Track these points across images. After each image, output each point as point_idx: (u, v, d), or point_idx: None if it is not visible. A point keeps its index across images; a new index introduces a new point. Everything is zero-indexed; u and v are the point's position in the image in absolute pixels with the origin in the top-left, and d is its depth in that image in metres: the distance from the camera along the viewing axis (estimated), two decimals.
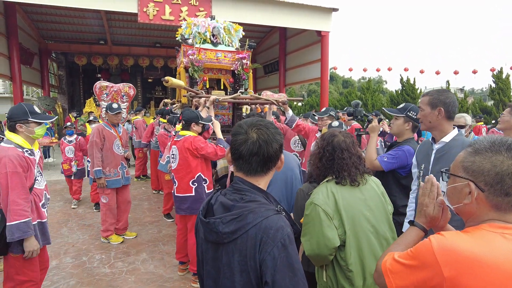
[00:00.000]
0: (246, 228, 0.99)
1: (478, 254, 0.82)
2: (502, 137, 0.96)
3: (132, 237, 4.29)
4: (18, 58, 10.44)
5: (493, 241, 0.85)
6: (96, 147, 3.96)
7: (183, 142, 3.13)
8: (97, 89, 5.42)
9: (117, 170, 4.12)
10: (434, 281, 0.84)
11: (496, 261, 0.81)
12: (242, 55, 5.35)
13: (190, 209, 3.12)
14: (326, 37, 11.70)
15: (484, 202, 0.92)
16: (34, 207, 2.35)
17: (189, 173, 3.11)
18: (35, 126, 2.37)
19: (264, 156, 1.09)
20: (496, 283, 0.79)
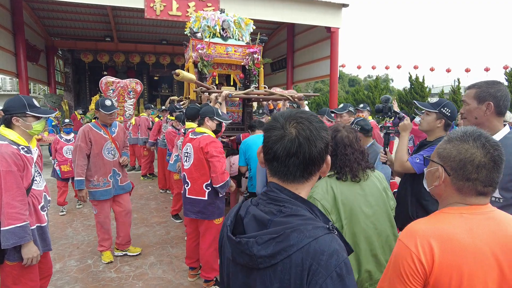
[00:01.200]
0: (289, 251, 0.77)
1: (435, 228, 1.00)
2: (475, 128, 1.06)
3: (136, 253, 3.70)
4: (25, 55, 10.37)
5: (449, 220, 1.01)
6: (81, 152, 3.31)
7: (199, 141, 2.91)
8: (103, 84, 5.25)
9: (107, 178, 3.46)
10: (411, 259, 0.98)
11: (451, 230, 0.98)
12: (253, 50, 5.15)
13: (201, 214, 2.93)
14: (335, 33, 11.41)
15: (450, 185, 1.05)
16: (33, 210, 2.16)
17: (203, 175, 2.91)
18: (33, 121, 2.18)
19: (305, 157, 0.86)
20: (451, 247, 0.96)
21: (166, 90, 17.45)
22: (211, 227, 2.95)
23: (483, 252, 0.96)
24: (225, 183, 2.89)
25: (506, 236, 0.97)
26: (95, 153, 3.40)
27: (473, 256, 0.95)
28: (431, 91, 23.53)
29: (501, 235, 0.97)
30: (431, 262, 0.97)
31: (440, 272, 0.96)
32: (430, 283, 0.98)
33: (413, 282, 0.99)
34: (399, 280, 1.01)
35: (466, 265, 0.95)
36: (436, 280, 0.97)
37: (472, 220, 1.00)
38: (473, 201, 1.03)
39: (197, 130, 3.01)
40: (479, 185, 1.01)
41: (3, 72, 9.63)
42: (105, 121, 3.49)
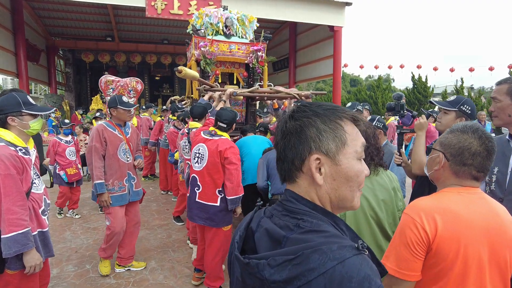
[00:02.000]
0: (309, 277, 0.63)
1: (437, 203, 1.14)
2: (474, 122, 1.23)
3: (141, 268, 3.36)
4: (25, 55, 10.26)
5: (449, 196, 1.16)
6: (97, 153, 3.01)
7: (218, 144, 2.74)
8: (102, 83, 5.11)
9: (122, 182, 3.16)
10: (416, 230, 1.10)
11: (451, 205, 1.12)
12: (257, 47, 5.01)
13: (210, 221, 2.75)
14: (339, 32, 11.28)
15: (448, 170, 1.20)
16: (33, 214, 2.03)
17: (218, 179, 2.73)
18: (30, 119, 2.04)
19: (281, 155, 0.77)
20: (452, 219, 1.09)
21: (168, 90, 17.34)
22: (218, 235, 2.80)
23: (477, 226, 1.09)
24: (238, 198, 2.73)
25: (496, 214, 1.13)
26: (110, 154, 3.09)
27: (470, 228, 1.09)
28: (434, 91, 23.37)
29: (492, 213, 1.12)
30: (434, 231, 1.09)
31: (441, 240, 1.08)
32: (433, 250, 1.10)
33: (417, 248, 1.10)
34: (405, 247, 1.11)
35: (463, 236, 1.08)
36: (438, 247, 1.09)
37: (468, 198, 1.16)
38: (467, 183, 1.19)
39: (219, 133, 2.83)
40: (473, 170, 1.16)
41: (3, 72, 9.53)
42: (124, 119, 3.19)
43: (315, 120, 0.72)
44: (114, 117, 3.17)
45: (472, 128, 1.19)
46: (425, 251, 1.11)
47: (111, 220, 3.14)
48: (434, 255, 1.10)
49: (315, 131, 0.72)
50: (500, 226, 1.11)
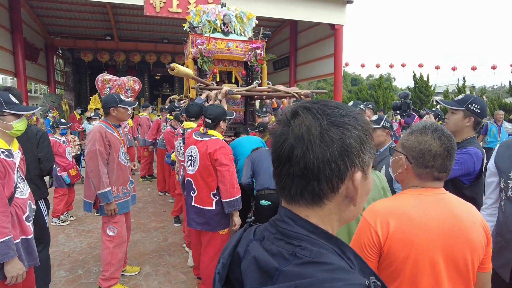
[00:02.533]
0: None
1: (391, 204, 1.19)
2: (433, 122, 1.26)
3: (135, 273, 3.25)
4: (23, 54, 10.16)
5: (407, 199, 1.18)
6: (102, 158, 2.70)
7: (207, 145, 2.60)
8: (99, 82, 5.00)
9: (126, 187, 2.96)
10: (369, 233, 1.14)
11: (406, 208, 1.15)
12: (255, 45, 4.89)
13: (207, 225, 2.63)
14: (339, 30, 11.16)
15: (411, 172, 1.20)
16: (16, 221, 1.91)
17: (211, 182, 2.60)
18: (12, 120, 1.92)
19: (299, 167, 0.58)
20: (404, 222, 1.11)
21: (167, 90, 17.23)
22: (214, 239, 2.68)
23: (431, 229, 1.11)
24: (234, 200, 2.57)
25: (453, 216, 1.13)
26: (113, 158, 2.83)
27: (423, 232, 1.10)
28: (435, 90, 23.16)
29: (449, 215, 1.13)
30: (386, 234, 1.11)
31: (392, 243, 1.11)
32: (385, 252, 1.12)
33: (369, 251, 1.14)
34: (359, 249, 1.15)
35: (416, 238, 1.09)
36: (390, 249, 1.11)
37: (426, 200, 1.16)
38: (429, 184, 1.19)
39: (209, 133, 2.70)
40: (435, 172, 1.17)
41: (1, 71, 9.43)
42: (124, 118, 2.99)
43: (355, 128, 0.59)
44: (112, 117, 2.92)
45: (431, 128, 1.20)
46: (377, 253, 1.15)
47: (117, 230, 2.88)
48: (387, 257, 1.14)
49: (357, 141, 0.58)
50: (457, 228, 1.12)
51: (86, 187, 2.84)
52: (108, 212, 2.79)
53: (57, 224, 4.61)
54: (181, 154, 3.18)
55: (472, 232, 1.12)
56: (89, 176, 2.72)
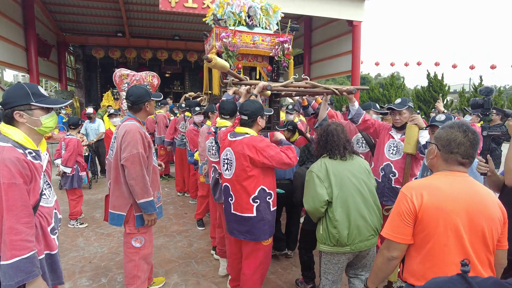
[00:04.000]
0: None
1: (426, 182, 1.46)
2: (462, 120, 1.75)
3: (162, 284, 2.98)
4: (36, 50, 10.05)
5: (437, 178, 1.46)
6: (144, 163, 2.38)
7: (243, 146, 2.32)
8: (116, 77, 4.77)
9: (160, 191, 2.67)
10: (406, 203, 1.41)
11: (437, 184, 1.41)
12: (283, 39, 4.61)
13: (250, 234, 2.35)
14: (358, 27, 10.86)
15: (440, 158, 1.48)
16: (41, 233, 1.66)
17: (248, 186, 2.33)
18: (41, 114, 1.66)
19: None
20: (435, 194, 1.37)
21: (179, 87, 17.06)
22: (257, 249, 2.42)
23: (457, 199, 1.35)
24: None
25: (476, 192, 1.38)
26: (150, 162, 2.50)
27: (450, 200, 1.35)
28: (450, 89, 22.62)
29: (472, 191, 1.38)
30: (420, 203, 1.37)
31: (425, 210, 1.36)
32: (419, 218, 1.38)
33: (406, 217, 1.40)
34: (398, 216, 1.42)
35: (445, 206, 1.35)
36: (423, 216, 1.37)
37: (453, 179, 1.42)
38: (455, 168, 1.44)
39: (236, 130, 2.45)
40: (459, 157, 1.42)
41: (14, 67, 9.31)
42: (152, 113, 2.66)
43: None
44: (144, 113, 2.54)
45: (458, 124, 1.46)
46: (413, 219, 1.40)
47: (144, 240, 2.56)
48: (420, 223, 1.39)
49: None
50: (479, 202, 1.36)
51: (114, 196, 2.48)
52: (149, 222, 2.49)
53: (74, 226, 4.41)
54: (212, 154, 2.93)
55: (491, 208, 1.37)
56: (130, 183, 2.35)
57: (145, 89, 2.52)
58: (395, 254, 1.44)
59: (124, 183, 2.41)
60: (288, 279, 3.12)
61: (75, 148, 4.41)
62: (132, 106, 2.51)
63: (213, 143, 2.96)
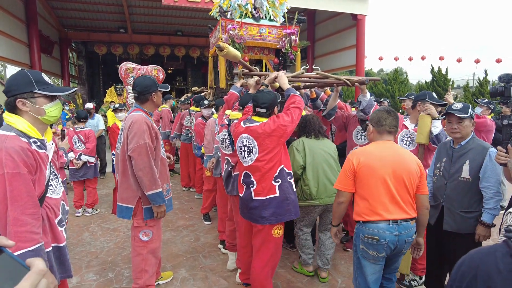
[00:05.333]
0: None
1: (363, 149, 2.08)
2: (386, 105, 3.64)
3: (169, 278, 2.95)
4: (38, 46, 10.01)
5: (372, 145, 2.09)
6: (152, 154, 2.34)
7: (261, 126, 2.29)
8: (122, 71, 4.71)
9: (169, 184, 2.62)
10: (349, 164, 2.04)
11: (370, 149, 2.05)
12: (290, 31, 4.54)
13: (276, 215, 2.28)
14: (362, 21, 10.74)
15: (375, 132, 2.10)
16: (48, 225, 1.61)
17: (272, 167, 2.29)
18: (45, 103, 1.60)
19: None
20: (368, 156, 1.99)
21: (181, 83, 17.01)
22: (269, 241, 2.36)
23: (385, 159, 1.98)
24: None
25: (398, 153, 2.01)
26: (158, 153, 2.45)
27: (379, 160, 1.98)
28: (454, 84, 22.40)
29: (395, 152, 2.02)
30: (358, 163, 2.00)
31: (360, 168, 1.99)
32: (357, 173, 2.01)
33: (348, 173, 2.04)
34: (343, 173, 2.07)
35: (374, 164, 1.97)
36: (359, 171, 2.00)
37: (382, 145, 2.06)
38: (385, 138, 2.08)
39: (255, 119, 2.40)
40: (387, 127, 2.05)
41: (16, 63, 9.26)
42: (159, 104, 2.62)
43: None
44: (151, 104, 2.49)
45: (383, 108, 2.13)
46: (353, 175, 2.02)
47: (153, 234, 2.50)
48: (358, 177, 2.01)
49: None
50: (400, 160, 1.98)
51: (122, 188, 2.42)
52: (158, 214, 2.43)
53: (92, 214, 4.68)
54: (225, 147, 2.86)
55: (409, 164, 1.98)
56: (137, 175, 2.30)
57: (152, 79, 2.45)
58: (342, 200, 2.07)
59: (131, 175, 2.36)
60: (297, 274, 3.07)
61: (95, 139, 4.80)
62: (139, 97, 2.45)
63: (226, 135, 2.90)
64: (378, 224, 1.92)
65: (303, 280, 2.97)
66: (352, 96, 19.80)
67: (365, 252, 1.99)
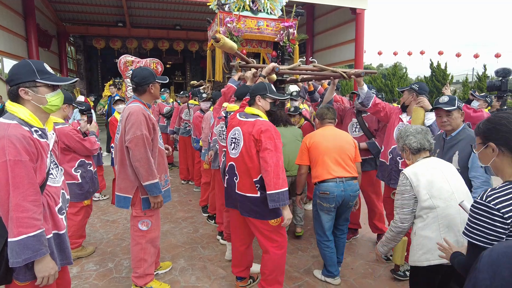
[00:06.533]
0: None
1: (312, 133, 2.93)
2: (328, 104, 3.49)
3: (169, 268, 3.00)
4: (36, 40, 9.97)
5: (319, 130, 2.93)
6: (149, 145, 2.36)
7: (253, 125, 2.28)
8: (121, 64, 4.73)
9: (167, 175, 2.65)
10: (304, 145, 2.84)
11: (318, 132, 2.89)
12: (288, 24, 4.54)
13: (255, 213, 2.30)
14: (361, 15, 10.73)
15: (320, 124, 3.01)
16: (48, 213, 1.64)
17: (251, 169, 2.27)
18: (46, 92, 1.62)
19: None
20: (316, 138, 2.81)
21: (180, 77, 16.98)
22: (270, 231, 2.36)
23: (326, 135, 2.79)
24: (279, 193, 2.16)
25: (336, 132, 2.85)
26: (155, 144, 2.48)
27: (322, 137, 2.78)
28: (453, 79, 22.40)
29: (336, 133, 2.84)
30: (310, 144, 2.77)
31: (311, 146, 2.77)
32: (309, 150, 2.77)
33: (304, 151, 2.80)
34: (301, 151, 2.86)
35: (319, 140, 2.76)
36: (310, 149, 2.77)
37: (324, 128, 2.88)
38: (326, 124, 2.91)
39: (247, 111, 2.40)
40: (328, 120, 2.90)
41: (14, 57, 9.24)
42: (157, 96, 2.60)
43: None
44: (148, 95, 2.50)
45: (324, 106, 3.03)
46: (307, 151, 2.78)
47: (151, 224, 2.54)
48: (311, 154, 2.76)
49: None
50: (340, 137, 2.80)
51: (120, 179, 2.46)
52: (155, 205, 2.47)
53: (99, 199, 4.98)
54: (223, 139, 2.89)
55: (345, 138, 2.81)
56: (134, 165, 2.33)
57: (150, 70, 2.47)
58: (302, 171, 2.84)
59: (129, 166, 2.39)
60: (295, 264, 3.12)
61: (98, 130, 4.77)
62: (137, 88, 2.47)
63: (224, 128, 2.92)
64: (328, 183, 2.63)
65: (300, 270, 3.01)
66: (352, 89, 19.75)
67: (321, 205, 2.69)
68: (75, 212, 3.15)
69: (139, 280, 2.57)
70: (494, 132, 1.26)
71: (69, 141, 2.97)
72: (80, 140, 3.03)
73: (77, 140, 3.01)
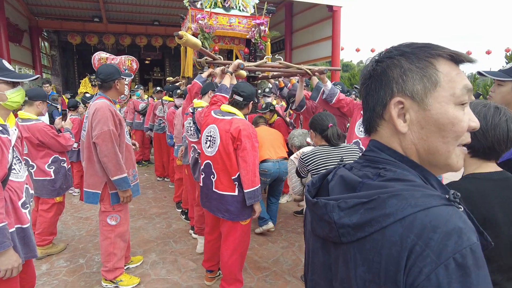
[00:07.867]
0: (383, 223, 0.53)
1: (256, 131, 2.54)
2: None
3: (140, 262, 3.04)
4: (6, 35, 9.63)
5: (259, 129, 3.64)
6: (116, 140, 2.40)
7: (231, 124, 2.33)
8: (95, 61, 4.68)
9: (135, 169, 2.71)
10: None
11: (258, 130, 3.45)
12: (259, 21, 4.62)
13: (229, 213, 2.35)
14: (338, 12, 10.91)
15: (255, 125, 3.94)
16: (11, 207, 1.68)
17: (230, 167, 2.33)
18: (6, 89, 1.66)
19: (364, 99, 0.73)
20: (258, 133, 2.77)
21: (159, 74, 16.76)
22: (235, 230, 2.42)
23: (263, 131, 3.66)
24: (256, 190, 2.32)
25: (269, 129, 3.91)
26: (122, 139, 2.52)
27: (263, 134, 3.59)
28: None
29: (268, 129, 3.89)
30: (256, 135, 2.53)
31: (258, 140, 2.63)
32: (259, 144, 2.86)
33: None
34: None
35: (260, 136, 3.23)
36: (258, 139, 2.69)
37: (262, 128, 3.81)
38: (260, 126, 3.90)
39: (223, 109, 2.44)
40: (261, 124, 3.95)
41: None
42: (123, 92, 2.66)
43: (399, 60, 0.62)
44: (114, 92, 2.54)
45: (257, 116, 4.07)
46: None
47: (120, 218, 2.60)
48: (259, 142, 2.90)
49: (398, 71, 0.62)
50: (271, 131, 3.81)
51: (88, 175, 2.48)
52: (124, 199, 2.52)
53: (79, 193, 4.94)
54: (190, 135, 2.95)
55: (276, 132, 3.85)
56: (102, 161, 2.38)
57: (115, 67, 2.50)
58: None
59: (97, 162, 2.43)
60: (264, 255, 3.23)
61: (80, 126, 4.70)
62: (102, 84, 2.50)
63: (191, 123, 2.98)
64: (267, 163, 3.43)
65: (269, 261, 3.13)
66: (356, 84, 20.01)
67: (261, 179, 2.83)
68: (46, 209, 3.15)
69: (109, 274, 2.62)
70: None
71: (43, 137, 2.97)
72: (54, 136, 3.04)
73: (51, 136, 3.01)
